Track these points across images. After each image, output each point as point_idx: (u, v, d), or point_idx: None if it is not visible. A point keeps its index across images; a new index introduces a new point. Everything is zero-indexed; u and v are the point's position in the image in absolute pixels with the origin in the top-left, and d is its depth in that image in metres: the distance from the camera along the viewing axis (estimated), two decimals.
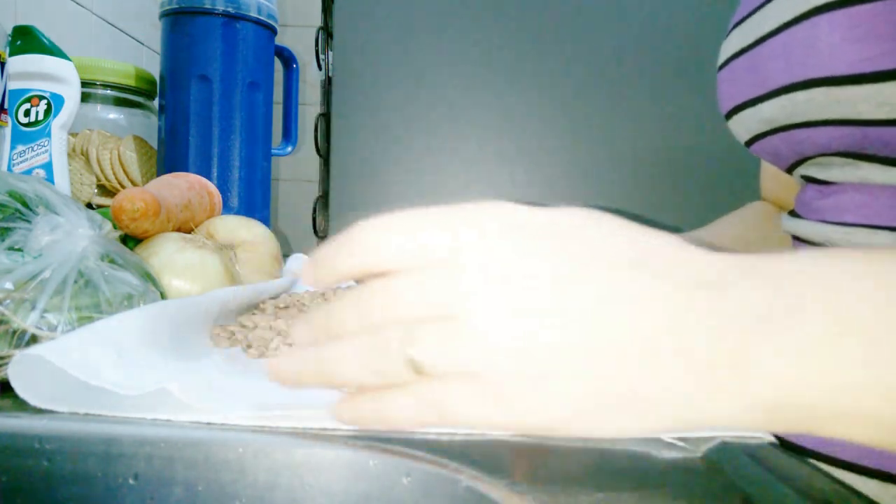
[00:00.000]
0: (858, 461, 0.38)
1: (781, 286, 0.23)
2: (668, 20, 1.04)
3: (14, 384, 0.30)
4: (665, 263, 0.24)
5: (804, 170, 0.47)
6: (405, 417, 0.26)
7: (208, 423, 0.29)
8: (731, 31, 0.49)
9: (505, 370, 0.24)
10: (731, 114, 0.49)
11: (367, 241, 0.26)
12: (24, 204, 0.39)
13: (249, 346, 0.41)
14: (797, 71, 0.39)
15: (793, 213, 0.49)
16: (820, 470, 0.29)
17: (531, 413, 0.24)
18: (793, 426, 0.24)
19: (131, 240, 0.54)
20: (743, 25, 0.47)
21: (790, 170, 0.49)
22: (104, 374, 0.31)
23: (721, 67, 0.50)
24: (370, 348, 0.25)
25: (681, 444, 0.30)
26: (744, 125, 0.47)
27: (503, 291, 0.24)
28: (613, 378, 0.23)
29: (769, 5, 0.43)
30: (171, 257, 0.50)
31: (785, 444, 0.43)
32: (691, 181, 1.04)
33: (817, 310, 0.23)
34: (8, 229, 0.37)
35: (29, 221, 0.38)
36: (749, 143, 0.49)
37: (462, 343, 0.24)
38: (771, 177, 0.63)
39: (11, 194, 0.39)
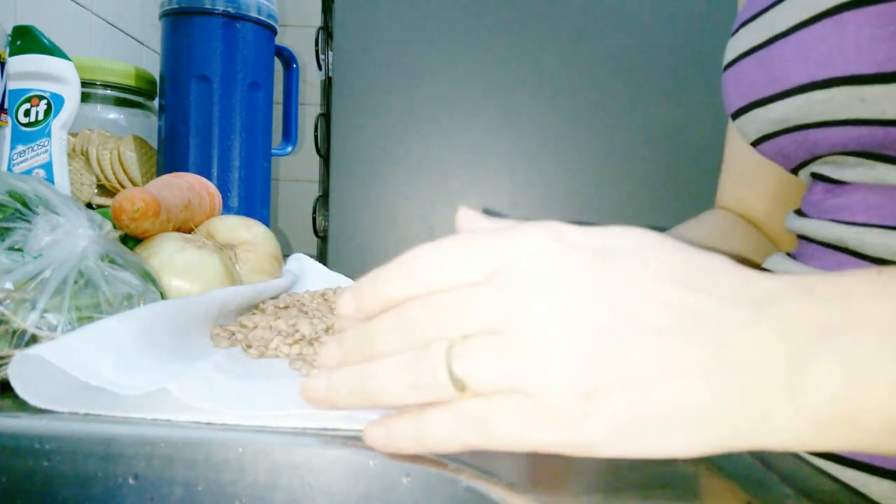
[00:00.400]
0: (869, 460, 0.38)
1: (837, 303, 0.23)
2: (668, 20, 1.04)
3: (14, 384, 0.30)
4: (720, 282, 0.24)
5: (815, 168, 0.46)
6: (443, 437, 0.24)
7: (208, 423, 0.29)
8: (737, 30, 0.49)
9: (557, 387, 0.23)
10: (738, 113, 0.48)
11: (416, 264, 0.25)
12: (24, 204, 0.39)
13: (249, 346, 0.41)
14: (816, 70, 0.39)
15: (798, 213, 0.49)
16: (820, 470, 0.29)
17: (585, 432, 0.23)
18: (844, 442, 0.23)
19: (131, 240, 0.54)
20: (751, 24, 0.46)
21: (796, 169, 0.48)
22: (104, 374, 0.31)
23: (727, 67, 0.49)
24: (411, 363, 0.24)
25: None
26: (753, 125, 0.47)
27: (555, 307, 0.23)
28: (671, 394, 0.23)
29: (782, 4, 0.43)
30: (171, 257, 0.50)
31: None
32: (691, 182, 1.04)
33: (873, 326, 0.22)
34: (8, 229, 0.37)
35: (29, 221, 0.38)
36: (756, 142, 0.48)
37: (511, 358, 0.23)
38: (744, 182, 0.61)
39: (11, 194, 0.39)
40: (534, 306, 0.23)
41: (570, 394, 0.23)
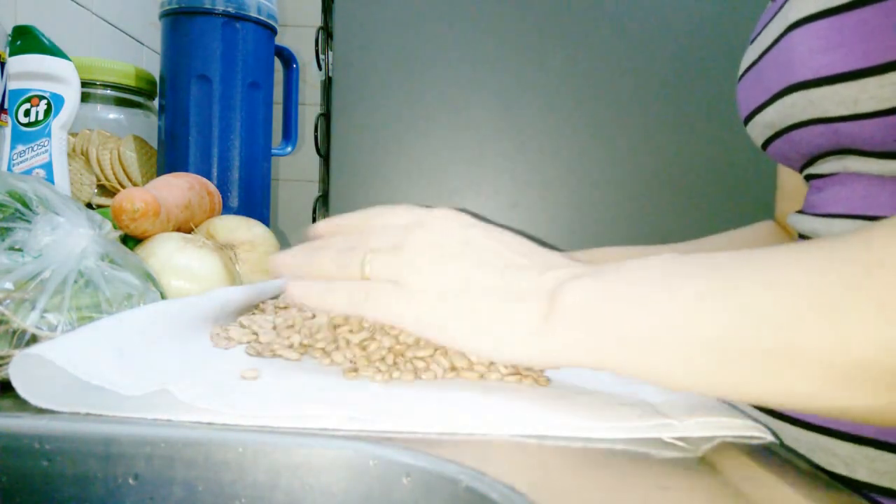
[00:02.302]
0: (833, 425, 0.42)
1: (606, 266, 0.33)
2: (671, 20, 1.04)
3: (15, 384, 0.30)
4: (533, 251, 0.37)
5: (809, 169, 0.51)
6: (339, 300, 0.37)
7: (208, 423, 0.29)
8: (748, 48, 0.57)
9: (420, 283, 0.35)
10: (746, 121, 0.56)
11: (368, 213, 0.42)
12: (24, 204, 0.39)
13: (250, 346, 0.41)
14: (781, 78, 0.47)
15: (798, 212, 0.54)
16: (820, 469, 0.29)
17: (425, 314, 0.35)
18: (594, 356, 0.31)
19: (131, 240, 0.54)
20: (754, 43, 0.54)
21: (802, 171, 0.54)
22: (105, 373, 0.31)
23: (739, 80, 0.57)
24: (343, 255, 0.38)
25: (681, 444, 0.30)
26: (756, 130, 0.54)
27: (433, 242, 0.37)
28: (483, 309, 0.34)
29: (770, 24, 0.50)
30: (171, 257, 0.50)
31: (766, 410, 0.47)
32: (691, 182, 1.04)
33: (622, 274, 0.32)
34: (8, 229, 0.37)
35: (29, 221, 0.38)
36: (764, 146, 0.55)
37: (397, 263, 0.36)
38: (785, 196, 0.67)
39: (11, 194, 0.39)
40: (417, 239, 0.37)
41: (424, 291, 0.35)
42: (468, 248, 0.36)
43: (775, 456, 0.30)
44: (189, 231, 0.59)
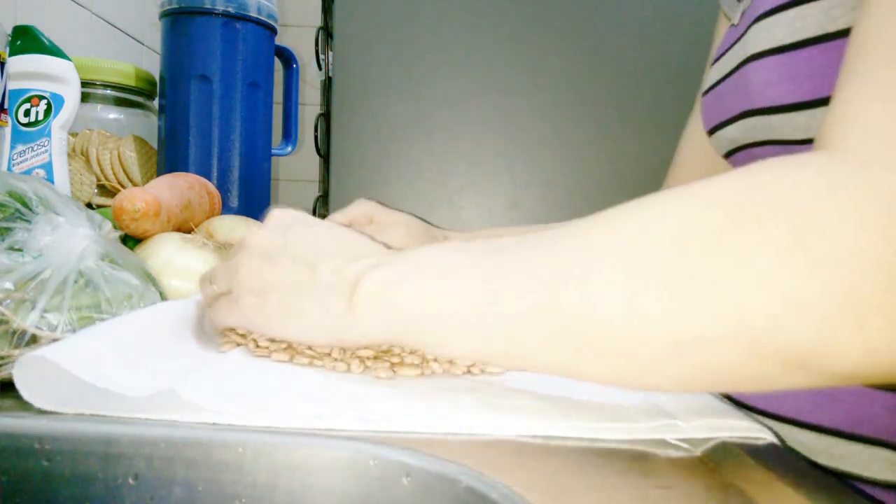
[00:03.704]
0: (798, 416, 0.44)
1: (402, 253, 0.36)
2: (669, 19, 1.04)
3: (19, 386, 0.30)
4: (348, 242, 0.41)
5: None
6: (214, 315, 0.42)
7: (209, 424, 0.29)
8: (711, 66, 0.61)
9: (241, 289, 0.40)
10: (710, 132, 0.60)
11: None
12: (24, 204, 0.39)
13: (255, 346, 0.41)
14: (743, 103, 0.50)
15: None
16: (820, 469, 0.29)
17: (254, 315, 0.39)
18: (397, 333, 0.35)
19: (131, 240, 0.54)
20: (717, 64, 0.58)
21: None
22: (111, 375, 0.31)
23: (704, 94, 0.61)
24: (212, 274, 0.44)
25: (681, 444, 0.30)
26: (718, 143, 0.58)
27: (255, 246, 0.40)
28: (294, 303, 0.38)
29: (731, 50, 0.54)
30: (171, 257, 0.50)
31: (734, 401, 0.49)
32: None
33: (411, 259, 0.35)
34: (8, 229, 0.37)
35: (29, 221, 0.38)
36: (725, 156, 0.59)
37: (228, 273, 0.41)
38: (680, 168, 0.72)
39: (11, 194, 0.39)
40: (244, 248, 0.41)
41: (249, 291, 0.39)
42: (285, 248, 0.40)
43: (775, 456, 0.30)
44: (189, 231, 0.59)
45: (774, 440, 0.31)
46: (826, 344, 0.25)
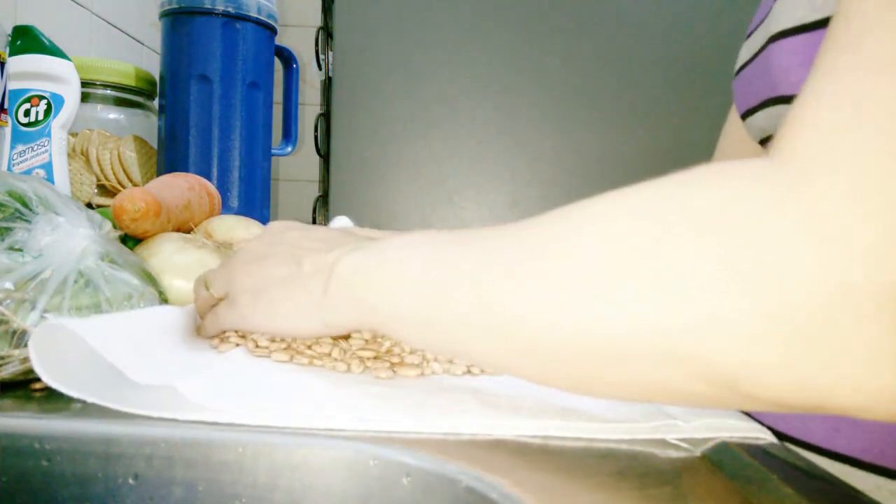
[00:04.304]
0: (816, 442, 0.43)
1: (375, 243, 0.36)
2: (669, 20, 1.04)
3: (32, 356, 0.30)
4: (336, 238, 0.41)
5: None
6: (207, 323, 0.44)
7: (208, 423, 0.29)
8: (747, 39, 0.56)
9: (235, 291, 0.41)
10: (744, 117, 0.56)
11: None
12: (24, 204, 0.39)
13: (255, 346, 0.42)
14: (768, 89, 0.48)
15: None
16: (820, 469, 0.29)
17: (249, 314, 0.40)
18: (367, 323, 0.35)
19: (131, 240, 0.54)
20: (748, 41, 0.54)
21: None
22: (119, 354, 0.31)
23: (736, 74, 0.57)
24: (207, 280, 0.45)
25: (681, 444, 0.30)
26: (752, 130, 0.54)
27: (246, 252, 0.43)
28: (279, 295, 0.39)
29: (759, 29, 0.51)
30: (171, 257, 0.50)
31: (781, 437, 0.47)
32: None
33: (381, 249, 0.35)
34: (8, 229, 0.37)
35: (29, 221, 0.38)
36: (760, 143, 0.55)
37: (224, 278, 0.43)
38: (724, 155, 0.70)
39: (11, 194, 0.39)
40: (238, 253, 0.43)
41: (243, 292, 0.40)
42: (275, 249, 0.41)
43: (775, 456, 0.30)
44: (189, 231, 0.59)
45: (774, 440, 0.31)
46: (751, 366, 0.23)
